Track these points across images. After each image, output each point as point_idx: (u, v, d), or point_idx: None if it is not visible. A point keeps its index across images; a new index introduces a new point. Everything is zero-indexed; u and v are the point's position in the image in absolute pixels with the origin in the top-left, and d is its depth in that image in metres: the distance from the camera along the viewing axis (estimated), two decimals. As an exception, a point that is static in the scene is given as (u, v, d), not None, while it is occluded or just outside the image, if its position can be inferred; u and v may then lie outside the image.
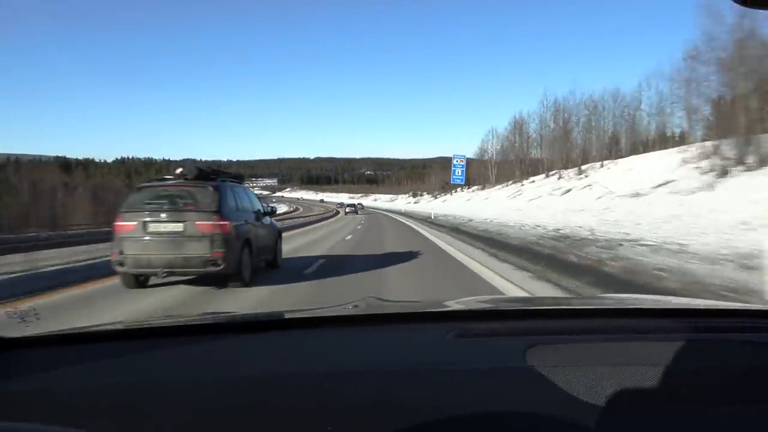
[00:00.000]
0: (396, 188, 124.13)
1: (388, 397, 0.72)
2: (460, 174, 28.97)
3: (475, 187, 49.07)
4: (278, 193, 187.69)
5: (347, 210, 47.72)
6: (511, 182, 42.41)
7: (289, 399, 0.71)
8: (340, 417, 0.67)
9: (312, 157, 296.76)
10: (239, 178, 6.84)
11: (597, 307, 1.19)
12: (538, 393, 0.72)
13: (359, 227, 21.10)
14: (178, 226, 5.22)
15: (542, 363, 0.78)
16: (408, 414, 0.67)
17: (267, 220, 6.92)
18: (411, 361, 0.83)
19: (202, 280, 5.84)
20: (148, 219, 5.24)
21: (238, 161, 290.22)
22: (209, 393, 0.72)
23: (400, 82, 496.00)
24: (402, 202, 76.12)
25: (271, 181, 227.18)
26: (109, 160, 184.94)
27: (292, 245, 10.90)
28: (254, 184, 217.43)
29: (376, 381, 0.76)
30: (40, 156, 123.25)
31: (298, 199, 29.48)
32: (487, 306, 1.31)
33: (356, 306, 1.18)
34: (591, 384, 0.72)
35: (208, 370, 0.80)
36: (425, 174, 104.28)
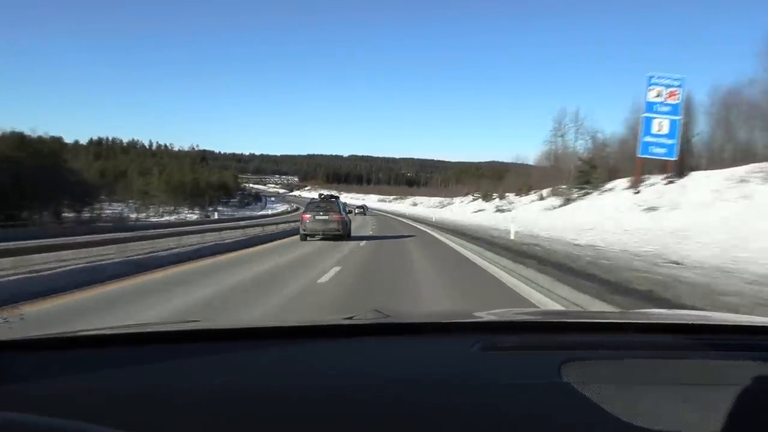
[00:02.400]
0: (442, 190, 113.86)
1: (408, 413, 0.74)
2: (667, 131, 18.53)
3: (552, 198, 39.82)
4: (295, 192, 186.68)
5: (356, 211, 51.56)
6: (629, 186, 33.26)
7: (299, 412, 0.74)
8: None
9: (346, 154, 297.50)
10: (336, 197, 18.60)
11: (639, 321, 1.21)
12: (575, 412, 0.73)
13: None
14: (326, 216, 16.82)
15: (579, 379, 0.79)
16: None
17: (347, 217, 18.68)
18: (433, 374, 0.86)
19: (332, 238, 16.47)
20: (315, 213, 16.84)
21: (261, 155, 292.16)
22: (214, 403, 0.75)
23: (453, 78, 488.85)
24: (465, 209, 58.20)
25: (292, 178, 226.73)
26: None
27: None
28: (268, 181, 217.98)
29: (396, 395, 0.78)
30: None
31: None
32: (517, 317, 1.34)
33: (376, 313, 1.23)
34: (633, 403, 0.74)
35: (215, 379, 0.83)
36: (480, 174, 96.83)
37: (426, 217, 49.51)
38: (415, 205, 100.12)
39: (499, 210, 44.32)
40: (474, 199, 63.55)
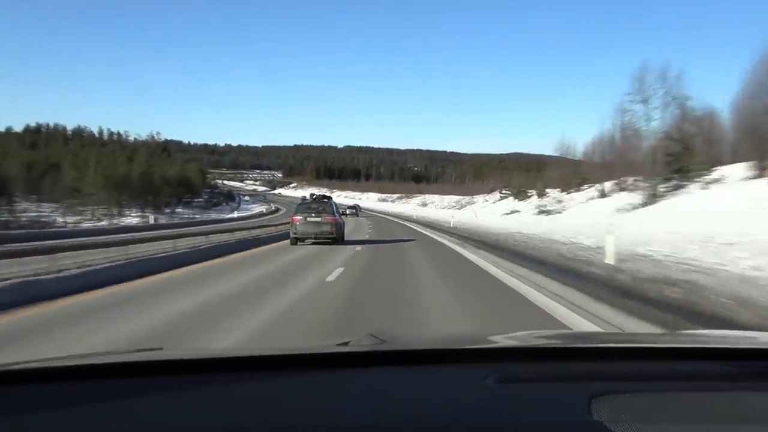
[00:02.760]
0: (457, 187, 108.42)
1: None
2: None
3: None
4: (278, 190, 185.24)
5: (348, 212, 55.37)
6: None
7: None
8: None
9: (340, 145, 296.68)
10: (329, 198, 20.33)
11: (685, 345, 1.20)
12: None
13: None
14: (318, 218, 18.59)
15: (613, 417, 0.80)
16: None
17: (341, 219, 20.55)
18: (440, 412, 0.86)
19: (324, 241, 18.84)
20: (306, 215, 18.69)
21: (239, 146, 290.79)
22: None
23: (468, 54, 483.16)
24: (492, 210, 53.35)
25: (275, 174, 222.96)
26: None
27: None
28: (246, 176, 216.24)
29: None
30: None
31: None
32: (538, 343, 1.36)
33: (371, 338, 1.25)
34: None
35: (182, 422, 0.85)
36: (505, 167, 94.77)
37: (440, 221, 44.05)
38: (424, 205, 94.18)
39: (543, 211, 39.36)
40: (502, 197, 59.86)
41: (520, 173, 63.73)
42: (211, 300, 7.97)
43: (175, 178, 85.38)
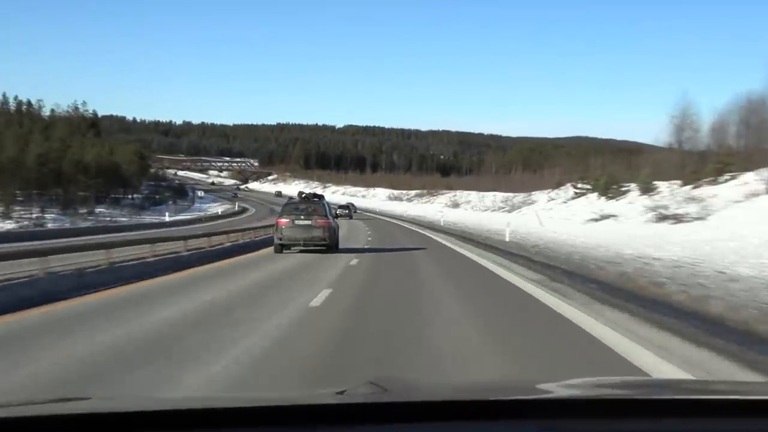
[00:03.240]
0: (501, 180, 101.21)
1: None
2: None
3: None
4: (251, 184, 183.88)
5: (339, 212, 56.53)
6: None
7: None
8: None
9: (340, 125, 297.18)
10: (321, 197, 24.03)
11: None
12: None
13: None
14: (308, 222, 21.12)
15: None
16: None
17: (335, 222, 24.21)
18: None
19: (315, 248, 22.09)
20: (294, 217, 21.37)
21: (202, 125, 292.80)
22: None
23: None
24: (566, 213, 48.57)
25: (248, 162, 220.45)
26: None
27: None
28: (210, 165, 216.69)
29: None
30: None
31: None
32: (588, 393, 1.46)
33: (371, 386, 1.31)
34: None
35: None
36: (569, 153, 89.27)
37: (482, 229, 39.67)
38: (456, 206, 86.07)
39: (663, 216, 33.33)
40: (578, 195, 54.54)
41: (608, 159, 59.66)
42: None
43: (98, 164, 79.73)
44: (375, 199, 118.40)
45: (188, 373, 6.25)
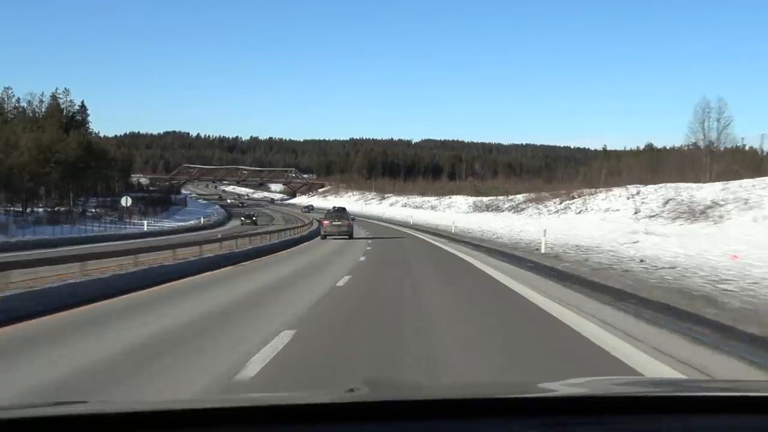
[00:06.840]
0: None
1: None
2: None
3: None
4: (297, 198, 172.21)
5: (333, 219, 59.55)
6: None
7: None
8: None
9: (417, 139, 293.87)
10: (343, 209, 49.53)
11: None
12: None
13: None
14: (339, 222, 44.67)
15: None
16: None
17: (352, 221, 48.99)
18: None
19: (343, 238, 42.57)
20: (332, 220, 45.41)
21: (270, 139, 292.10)
22: None
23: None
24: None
25: (307, 176, 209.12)
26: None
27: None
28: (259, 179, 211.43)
29: None
30: None
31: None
32: (589, 392, 1.46)
33: (368, 385, 1.35)
34: None
35: None
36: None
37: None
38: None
39: None
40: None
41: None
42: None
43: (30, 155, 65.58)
44: (450, 210, 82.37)
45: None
